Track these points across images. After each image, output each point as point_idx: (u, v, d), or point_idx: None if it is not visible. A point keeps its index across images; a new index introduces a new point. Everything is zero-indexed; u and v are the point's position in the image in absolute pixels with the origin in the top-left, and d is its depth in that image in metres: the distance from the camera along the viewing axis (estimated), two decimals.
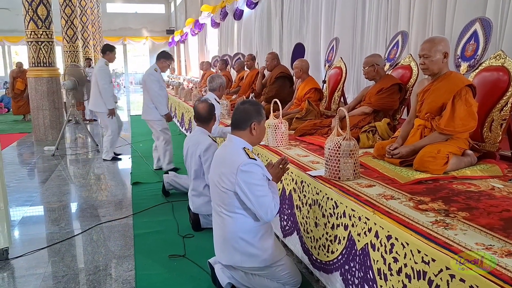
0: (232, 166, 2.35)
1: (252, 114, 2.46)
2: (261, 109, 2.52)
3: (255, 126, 2.46)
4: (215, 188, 2.48)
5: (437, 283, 1.60)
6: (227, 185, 2.37)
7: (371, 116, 3.81)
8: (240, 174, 2.32)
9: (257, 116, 2.48)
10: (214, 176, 2.50)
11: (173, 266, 2.97)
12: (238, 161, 2.34)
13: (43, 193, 4.80)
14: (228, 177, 2.36)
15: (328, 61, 5.38)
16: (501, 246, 1.61)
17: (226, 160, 2.43)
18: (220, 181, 2.41)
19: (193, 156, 3.53)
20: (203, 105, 3.63)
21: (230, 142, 2.50)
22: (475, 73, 3.07)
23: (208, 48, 15.78)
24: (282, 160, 2.58)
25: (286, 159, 2.59)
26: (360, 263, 2.16)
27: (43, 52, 7.96)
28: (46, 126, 8.14)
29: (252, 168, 2.34)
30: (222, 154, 2.51)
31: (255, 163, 2.35)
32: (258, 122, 2.48)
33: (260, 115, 2.50)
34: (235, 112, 2.51)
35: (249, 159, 2.35)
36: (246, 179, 2.32)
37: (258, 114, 2.49)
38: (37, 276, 2.88)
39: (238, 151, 2.40)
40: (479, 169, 2.61)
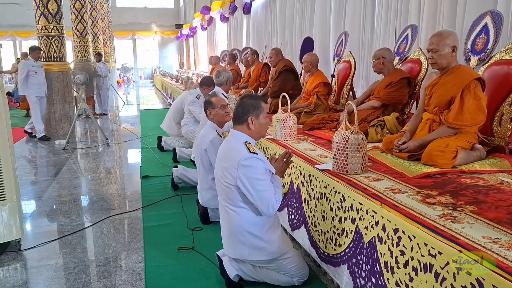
0: (234, 161, 2.36)
1: (249, 108, 2.45)
2: (259, 103, 2.48)
3: (253, 120, 2.45)
4: (219, 183, 2.50)
5: (444, 276, 1.61)
6: (229, 180, 2.39)
7: (380, 110, 3.80)
8: (241, 168, 2.33)
9: (254, 110, 2.45)
10: (218, 171, 2.52)
11: (182, 258, 3.00)
12: (239, 155, 2.36)
13: (54, 186, 4.87)
14: (230, 171, 2.37)
15: (337, 55, 5.36)
16: (508, 239, 1.61)
17: (228, 154, 2.44)
18: (223, 176, 2.43)
19: (200, 149, 3.56)
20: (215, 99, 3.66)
21: (232, 137, 2.52)
22: (485, 67, 3.05)
23: (217, 42, 15.77)
24: (286, 153, 2.59)
25: (290, 153, 2.60)
26: (367, 256, 2.17)
27: (53, 46, 8.03)
28: (57, 121, 8.23)
29: (253, 163, 2.35)
30: (224, 149, 2.53)
31: (256, 157, 2.36)
32: (256, 116, 2.45)
33: (258, 109, 2.46)
34: (235, 106, 2.52)
35: (250, 153, 2.36)
36: (247, 174, 2.33)
37: (255, 108, 2.46)
38: (48, 267, 2.93)
39: (239, 146, 2.42)
40: (488, 163, 2.60)
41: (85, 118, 10.36)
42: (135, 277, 2.76)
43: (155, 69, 25.27)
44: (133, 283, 2.69)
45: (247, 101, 2.49)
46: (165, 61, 27.19)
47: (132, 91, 20.41)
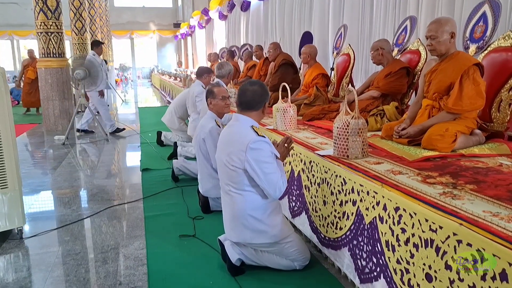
0: (242, 144, 2.39)
1: (265, 94, 2.57)
2: (267, 89, 2.66)
3: (267, 105, 2.59)
4: (223, 168, 2.52)
5: (445, 250, 1.63)
6: (236, 163, 2.41)
7: (379, 100, 3.83)
8: (249, 151, 2.36)
9: (267, 96, 2.59)
10: (222, 156, 2.54)
11: (184, 245, 3.02)
12: (247, 139, 2.39)
13: (54, 179, 4.88)
14: (238, 155, 2.40)
15: (336, 48, 5.38)
16: (508, 213, 1.63)
17: (235, 139, 2.47)
18: (229, 160, 2.45)
19: (199, 138, 3.59)
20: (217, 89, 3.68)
21: (237, 122, 2.54)
22: (483, 55, 3.08)
23: (216, 40, 15.79)
24: (286, 139, 2.63)
25: (290, 138, 2.64)
26: (368, 237, 2.19)
27: (52, 42, 8.03)
28: (56, 116, 8.23)
29: (261, 146, 2.38)
30: (229, 133, 2.56)
31: (264, 140, 2.40)
32: (268, 101, 2.60)
33: (268, 94, 2.63)
34: (246, 93, 2.53)
35: (258, 136, 2.40)
36: (255, 157, 2.36)
37: (267, 94, 2.61)
38: (50, 254, 2.94)
39: (246, 130, 2.45)
40: (487, 148, 2.63)
41: None
42: (137, 263, 2.78)
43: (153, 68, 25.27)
44: (135, 268, 2.70)
45: (260, 89, 2.55)
46: (163, 60, 27.19)
47: (130, 90, 20.40)
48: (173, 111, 6.35)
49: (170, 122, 6.40)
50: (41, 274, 2.68)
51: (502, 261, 1.38)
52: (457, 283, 1.56)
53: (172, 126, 6.42)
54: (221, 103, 3.66)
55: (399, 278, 1.91)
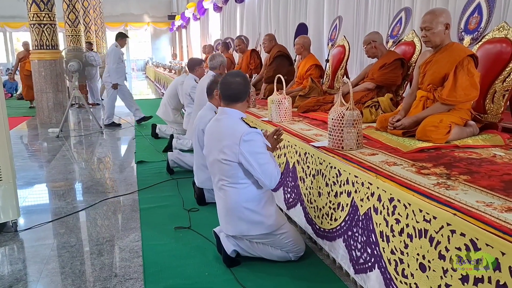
0: (234, 137, 2.38)
1: (248, 84, 2.58)
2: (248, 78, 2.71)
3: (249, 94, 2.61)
4: (216, 164, 2.50)
5: (438, 240, 1.64)
6: (230, 157, 2.40)
7: (374, 92, 3.83)
8: (243, 144, 2.36)
9: (250, 86, 2.65)
10: (213, 152, 2.52)
11: (179, 237, 3.02)
12: (239, 131, 2.38)
13: (49, 172, 4.86)
14: (231, 148, 2.38)
15: (331, 40, 5.37)
16: (501, 203, 1.64)
17: (226, 133, 2.44)
18: (222, 155, 2.43)
19: (197, 129, 3.58)
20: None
21: (224, 115, 2.52)
22: (478, 46, 3.08)
23: (210, 32, 15.71)
24: (276, 131, 2.64)
25: (280, 130, 2.65)
26: (363, 227, 2.20)
27: (45, 34, 7.95)
28: (50, 109, 8.18)
29: (254, 137, 2.38)
30: (218, 128, 2.52)
31: (256, 131, 2.40)
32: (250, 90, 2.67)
33: (250, 83, 2.71)
34: (230, 86, 2.50)
35: (250, 128, 2.40)
36: (249, 148, 2.36)
37: (250, 83, 2.66)
38: (46, 246, 2.94)
39: (237, 122, 2.45)
40: (481, 139, 2.64)
41: (78, 107, 10.32)
42: (133, 255, 2.78)
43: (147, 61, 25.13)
44: (131, 260, 2.70)
45: (242, 80, 2.54)
46: (158, 53, 27.04)
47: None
48: (166, 104, 6.34)
49: (164, 114, 6.40)
50: (36, 266, 2.67)
51: (495, 250, 1.39)
52: (450, 272, 1.58)
53: (167, 118, 6.42)
54: None
55: (393, 268, 1.92)
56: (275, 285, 2.37)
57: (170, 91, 6.41)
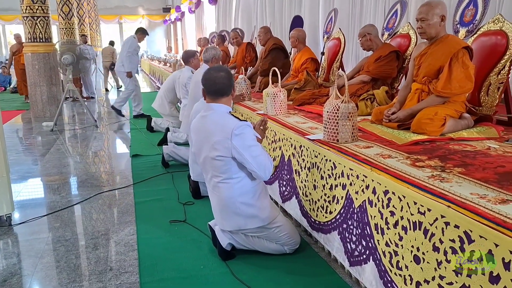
0: (225, 132, 2.36)
1: (231, 77, 2.55)
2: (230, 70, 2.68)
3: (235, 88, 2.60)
4: (208, 161, 2.48)
5: (433, 232, 1.65)
6: (222, 152, 2.38)
7: (370, 84, 3.82)
8: (234, 138, 2.34)
9: (233, 78, 2.60)
10: (203, 150, 2.49)
11: (174, 230, 3.02)
12: (229, 126, 2.36)
13: (43, 166, 4.83)
14: (223, 144, 2.37)
15: (327, 32, 5.35)
16: (495, 195, 1.65)
17: (216, 128, 2.42)
18: (214, 152, 2.40)
19: None
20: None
21: (210, 111, 2.49)
22: (473, 38, 3.08)
23: (206, 25, 15.63)
24: (262, 121, 2.64)
25: (265, 119, 2.65)
26: (357, 220, 2.21)
27: (39, 27, 7.88)
28: (44, 103, 8.13)
29: (244, 130, 2.38)
30: (206, 125, 2.48)
31: (246, 124, 2.40)
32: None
33: (233, 76, 2.68)
34: (215, 81, 2.47)
35: (240, 121, 2.39)
36: (241, 142, 2.35)
37: (233, 76, 2.62)
38: (40, 240, 2.93)
39: (225, 117, 2.44)
40: (475, 131, 2.65)
41: (73, 101, 10.26)
42: (128, 248, 2.77)
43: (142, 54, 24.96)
44: (126, 254, 2.70)
45: (226, 74, 2.52)
46: (153, 46, 26.85)
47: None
48: (163, 96, 6.30)
49: (160, 107, 6.36)
50: (30, 260, 2.66)
51: (489, 242, 1.39)
52: (444, 264, 1.58)
53: (163, 111, 6.38)
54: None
55: (388, 261, 1.93)
56: (270, 278, 2.37)
57: (167, 84, 6.37)
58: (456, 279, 1.53)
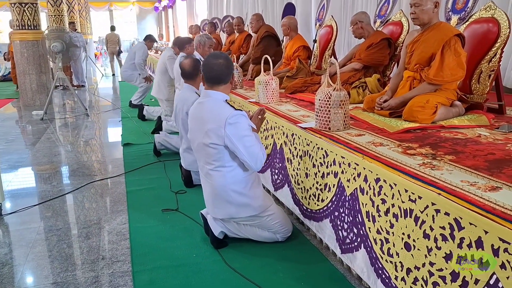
0: (219, 120, 2.35)
1: (231, 65, 2.52)
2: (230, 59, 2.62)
3: (233, 76, 2.57)
4: (201, 148, 2.47)
5: (423, 219, 1.66)
6: (215, 140, 2.37)
7: (361, 72, 3.82)
8: (228, 127, 2.33)
9: (233, 66, 2.56)
10: (197, 136, 2.48)
11: (166, 219, 3.02)
12: (224, 114, 2.35)
13: (33, 155, 4.79)
14: (216, 132, 2.36)
15: (319, 20, 5.32)
16: (485, 182, 1.66)
17: (210, 116, 2.41)
18: (207, 139, 2.40)
19: (181, 112, 3.55)
20: (187, 61, 3.62)
21: (208, 98, 2.48)
22: (465, 26, 3.07)
23: (197, 12, 15.47)
24: (260, 110, 2.63)
25: (263, 109, 2.64)
26: (349, 208, 2.22)
27: (27, 14, 7.75)
28: (34, 91, 8.03)
29: (239, 119, 2.36)
30: (202, 111, 2.48)
31: (241, 113, 2.38)
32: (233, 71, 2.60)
33: (233, 65, 2.63)
34: (213, 68, 2.44)
35: (235, 110, 2.37)
36: (235, 131, 2.34)
37: (233, 64, 2.58)
38: (31, 230, 2.91)
39: (221, 105, 2.42)
40: (466, 119, 2.66)
41: (63, 89, 10.16)
42: (120, 237, 2.77)
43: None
44: (118, 243, 2.70)
45: (225, 61, 2.49)
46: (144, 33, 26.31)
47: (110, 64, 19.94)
48: (159, 81, 6.16)
49: (158, 93, 6.18)
50: (22, 250, 2.65)
51: (478, 229, 1.41)
52: (434, 251, 1.60)
53: (162, 96, 6.21)
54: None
55: (379, 248, 1.95)
56: (263, 266, 2.38)
57: (159, 68, 6.24)
58: (446, 266, 1.54)
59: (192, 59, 3.65)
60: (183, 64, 3.61)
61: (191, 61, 3.63)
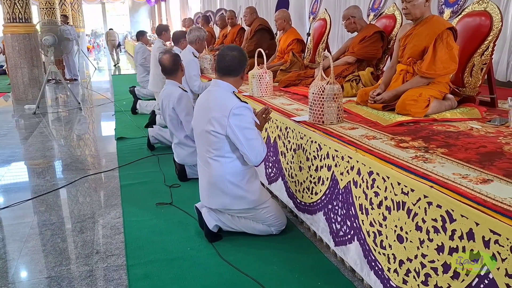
0: (224, 110, 2.36)
1: (244, 60, 2.53)
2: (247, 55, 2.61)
3: (245, 71, 2.56)
4: (203, 134, 2.48)
5: (416, 212, 1.67)
6: (217, 129, 2.39)
7: (355, 65, 3.82)
8: (232, 117, 2.35)
9: (246, 62, 2.56)
10: (201, 123, 2.50)
11: (161, 213, 3.02)
12: (230, 104, 2.37)
13: (26, 149, 4.76)
14: (220, 120, 2.37)
15: (313, 13, 5.31)
16: (476, 175, 1.67)
17: (216, 104, 2.43)
18: (210, 126, 2.41)
19: (167, 108, 3.54)
20: (166, 56, 3.60)
21: (216, 87, 2.50)
22: (458, 19, 3.08)
23: (190, 5, 15.38)
24: (265, 110, 2.63)
25: (268, 109, 2.64)
26: (342, 201, 2.23)
27: (18, 7, 7.66)
28: (26, 85, 7.96)
29: (244, 111, 2.37)
30: (208, 99, 2.51)
31: (246, 106, 2.39)
32: (246, 67, 2.58)
33: (247, 61, 2.60)
34: (225, 58, 2.47)
35: (241, 102, 2.38)
36: (238, 122, 2.35)
37: (247, 60, 2.57)
38: (25, 225, 2.90)
39: (228, 95, 2.43)
40: (459, 112, 2.68)
41: (55, 83, 10.08)
42: (114, 231, 2.77)
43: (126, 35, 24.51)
44: (112, 237, 2.70)
45: (240, 54, 2.50)
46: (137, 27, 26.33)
47: (103, 57, 19.82)
48: (154, 74, 6.12)
49: (154, 86, 6.15)
50: (15, 245, 2.64)
51: (470, 221, 1.42)
52: (426, 243, 1.61)
53: (157, 89, 6.17)
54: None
55: (372, 240, 1.96)
56: (257, 259, 2.39)
57: (152, 61, 6.20)
58: (437, 257, 1.56)
59: (171, 54, 3.62)
60: (163, 60, 3.58)
61: (170, 56, 3.59)
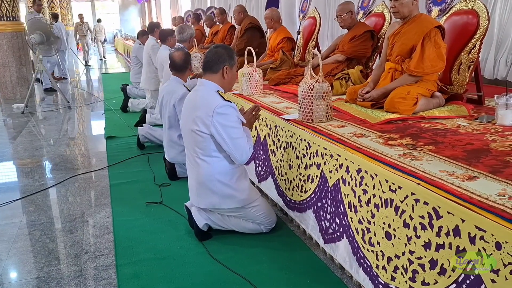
0: (208, 109, 2.36)
1: (225, 57, 2.47)
2: (234, 54, 2.54)
3: (227, 70, 2.47)
4: (189, 134, 2.49)
5: (403, 209, 1.69)
6: (202, 129, 2.38)
7: (344, 64, 3.84)
8: (216, 116, 2.34)
9: (229, 60, 2.49)
10: (187, 122, 2.50)
11: (151, 212, 3.01)
12: (213, 103, 2.36)
13: (14, 149, 4.72)
14: (204, 120, 2.37)
15: (303, 11, 5.32)
16: (463, 172, 1.69)
17: (201, 103, 2.43)
18: (194, 125, 2.41)
19: (168, 105, 3.52)
20: (178, 53, 3.58)
21: (202, 86, 2.50)
22: (445, 17, 3.11)
23: (181, 3, 15.32)
24: (254, 107, 2.63)
25: (258, 107, 2.64)
26: (331, 198, 2.24)
27: (5, 5, 7.57)
28: (14, 84, 7.88)
29: (228, 110, 2.37)
30: (194, 98, 2.51)
31: (230, 105, 2.38)
32: (230, 66, 2.49)
33: (232, 59, 2.51)
34: (208, 54, 2.50)
35: (225, 101, 2.38)
36: (222, 121, 2.35)
37: (230, 58, 2.50)
38: (13, 225, 2.88)
39: (212, 94, 2.42)
40: (446, 110, 2.70)
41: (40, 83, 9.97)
42: (103, 231, 2.76)
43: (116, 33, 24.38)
44: (101, 237, 2.68)
45: (222, 50, 2.48)
46: (127, 25, 26.24)
47: (93, 55, 19.66)
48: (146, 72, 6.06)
49: (146, 84, 6.12)
50: (3, 245, 2.62)
51: (456, 217, 1.44)
52: (414, 240, 1.63)
53: (149, 87, 6.14)
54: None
55: (361, 237, 1.98)
56: (247, 257, 2.40)
57: (145, 59, 6.16)
58: (425, 254, 1.58)
59: (183, 51, 3.62)
60: (174, 56, 3.57)
61: (183, 54, 3.59)
